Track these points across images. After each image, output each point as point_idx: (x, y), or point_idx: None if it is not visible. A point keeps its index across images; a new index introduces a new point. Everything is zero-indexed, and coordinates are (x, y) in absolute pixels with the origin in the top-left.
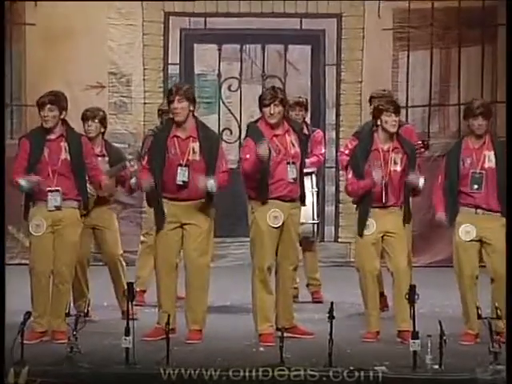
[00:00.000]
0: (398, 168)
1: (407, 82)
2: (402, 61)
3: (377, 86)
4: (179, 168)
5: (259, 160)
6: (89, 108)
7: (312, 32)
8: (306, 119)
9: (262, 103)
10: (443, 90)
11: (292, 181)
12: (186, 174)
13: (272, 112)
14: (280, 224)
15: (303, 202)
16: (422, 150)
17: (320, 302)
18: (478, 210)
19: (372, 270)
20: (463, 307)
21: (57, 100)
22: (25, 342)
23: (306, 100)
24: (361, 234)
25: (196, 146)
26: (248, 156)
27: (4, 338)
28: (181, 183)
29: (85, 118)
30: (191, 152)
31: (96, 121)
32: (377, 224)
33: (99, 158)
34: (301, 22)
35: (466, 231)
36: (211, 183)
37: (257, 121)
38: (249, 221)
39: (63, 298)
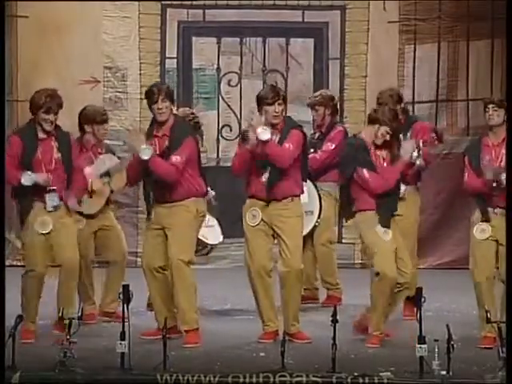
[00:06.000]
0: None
1: (413, 76)
2: (408, 55)
3: (382, 81)
4: None
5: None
6: (99, 109)
7: (315, 25)
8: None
9: (265, 102)
10: (451, 86)
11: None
12: None
13: (277, 111)
14: (257, 222)
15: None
16: (436, 142)
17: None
18: (496, 210)
19: (393, 275)
20: (480, 310)
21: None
22: (23, 341)
23: (323, 96)
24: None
25: (168, 143)
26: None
27: (4, 341)
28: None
29: (100, 121)
30: (166, 150)
31: (107, 123)
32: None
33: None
34: (303, 14)
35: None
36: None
37: None
38: None
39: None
